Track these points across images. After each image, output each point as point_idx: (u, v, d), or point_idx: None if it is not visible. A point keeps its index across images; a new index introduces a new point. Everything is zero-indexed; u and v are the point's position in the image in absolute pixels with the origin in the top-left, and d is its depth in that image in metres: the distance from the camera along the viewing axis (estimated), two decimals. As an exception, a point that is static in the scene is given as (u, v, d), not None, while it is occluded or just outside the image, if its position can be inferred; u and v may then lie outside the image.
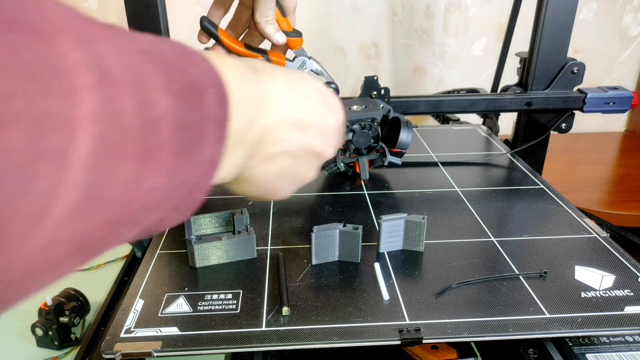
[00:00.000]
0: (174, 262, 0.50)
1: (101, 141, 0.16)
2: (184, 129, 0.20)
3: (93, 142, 0.16)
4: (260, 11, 0.50)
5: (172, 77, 0.20)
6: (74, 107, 0.15)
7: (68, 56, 0.15)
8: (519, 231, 0.55)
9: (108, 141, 0.16)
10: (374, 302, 0.44)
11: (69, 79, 0.15)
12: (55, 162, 0.15)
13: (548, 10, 0.69)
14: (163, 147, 0.19)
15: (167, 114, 0.19)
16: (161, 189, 0.20)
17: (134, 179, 0.18)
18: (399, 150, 0.64)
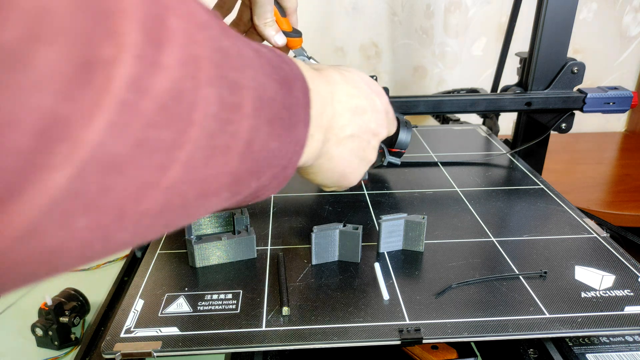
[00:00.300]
0: (174, 262, 0.50)
1: (254, 103, 0.22)
2: (286, 107, 0.26)
3: (252, 103, 0.21)
4: (258, 14, 0.50)
5: (276, 69, 0.26)
6: (242, 75, 0.21)
7: (236, 45, 0.21)
8: (519, 231, 0.55)
9: (257, 106, 0.22)
10: (374, 302, 0.44)
11: (240, 59, 0.21)
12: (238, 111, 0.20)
13: (548, 10, 0.69)
14: (277, 118, 0.25)
15: (276, 96, 0.25)
16: (275, 152, 0.25)
17: (266, 138, 0.24)
18: (398, 150, 0.64)
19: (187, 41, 0.16)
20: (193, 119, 0.16)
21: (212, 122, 0.18)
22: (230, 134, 0.19)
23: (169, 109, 0.15)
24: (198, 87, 0.16)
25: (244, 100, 0.20)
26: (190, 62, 0.16)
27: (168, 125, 0.15)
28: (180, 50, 0.15)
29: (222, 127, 0.19)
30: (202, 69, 0.17)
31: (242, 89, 0.20)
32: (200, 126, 0.17)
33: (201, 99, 0.17)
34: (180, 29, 0.16)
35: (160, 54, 0.15)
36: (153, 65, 0.14)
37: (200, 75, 0.17)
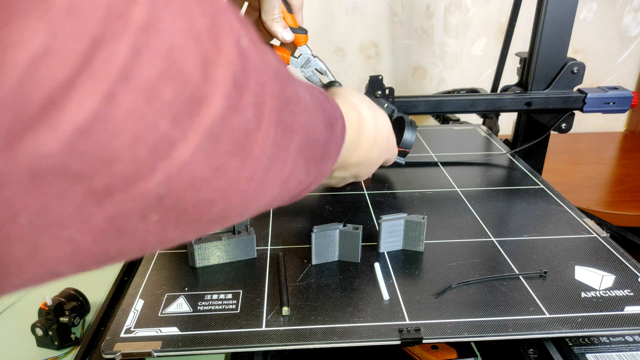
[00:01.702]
0: (174, 262, 0.50)
1: (299, 144, 0.25)
2: (323, 147, 0.29)
3: (297, 144, 0.24)
4: (266, 11, 0.50)
5: (324, 111, 0.30)
6: (296, 120, 0.24)
7: (295, 92, 0.25)
8: (519, 231, 0.55)
9: (301, 146, 0.25)
10: (374, 302, 0.44)
11: (297, 105, 0.24)
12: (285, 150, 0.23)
13: (548, 10, 0.69)
14: (313, 157, 0.28)
15: (320, 136, 0.28)
16: (303, 183, 0.28)
17: (301, 172, 0.26)
18: (403, 149, 0.64)
19: (260, 89, 0.19)
20: (252, 153, 0.19)
21: (264, 158, 0.21)
22: (276, 170, 0.22)
23: (238, 143, 0.18)
24: (260, 127, 0.20)
25: (292, 142, 0.23)
26: (259, 106, 0.19)
27: (237, 155, 0.18)
28: (254, 97, 0.19)
29: (271, 164, 0.21)
30: (265, 113, 0.20)
31: (293, 131, 0.23)
32: (256, 159, 0.20)
33: (261, 137, 0.20)
34: (255, 81, 0.19)
35: (241, 97, 0.18)
36: (235, 106, 0.17)
37: (264, 118, 0.20)
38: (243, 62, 0.18)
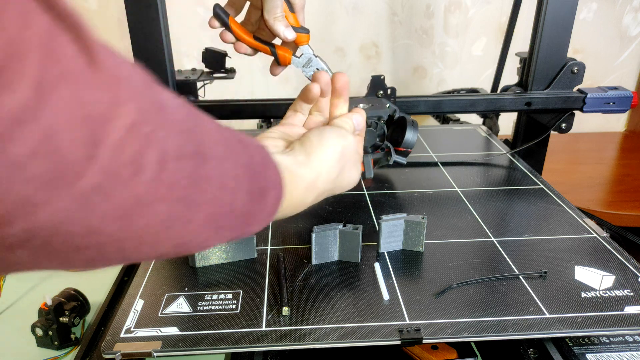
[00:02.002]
0: (174, 262, 0.50)
1: (206, 218, 0.25)
2: (246, 216, 0.28)
3: (203, 218, 0.24)
4: (268, 9, 0.50)
5: (255, 182, 0.29)
6: (204, 196, 0.24)
7: (212, 173, 0.24)
8: (519, 231, 0.55)
9: (207, 220, 0.25)
10: (374, 302, 0.44)
11: (209, 185, 0.24)
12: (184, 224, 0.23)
13: (548, 10, 0.69)
14: (229, 225, 0.27)
15: (240, 208, 0.27)
16: (210, 244, 0.28)
17: (205, 239, 0.26)
18: (405, 149, 0.64)
19: (156, 170, 0.20)
20: (137, 223, 0.21)
21: (155, 225, 0.22)
22: (168, 238, 0.23)
23: (120, 212, 0.19)
24: (151, 204, 0.20)
25: (194, 216, 0.23)
26: (152, 186, 0.20)
27: (117, 221, 0.20)
28: (148, 175, 0.20)
29: (161, 233, 0.22)
30: (160, 190, 0.21)
31: (197, 206, 0.23)
32: (142, 228, 0.21)
33: (151, 213, 0.21)
34: (153, 161, 0.20)
35: (132, 176, 0.19)
36: (122, 182, 0.19)
37: (157, 195, 0.21)
38: (138, 146, 0.19)
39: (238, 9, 0.55)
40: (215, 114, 0.73)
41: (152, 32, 0.67)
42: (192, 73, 0.80)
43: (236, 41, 0.53)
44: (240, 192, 0.27)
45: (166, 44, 0.69)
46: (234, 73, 0.80)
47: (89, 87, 0.17)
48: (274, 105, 0.72)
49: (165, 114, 0.21)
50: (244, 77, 1.17)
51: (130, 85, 0.19)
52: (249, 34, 0.53)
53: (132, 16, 0.67)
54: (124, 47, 1.13)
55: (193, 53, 1.14)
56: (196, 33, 1.12)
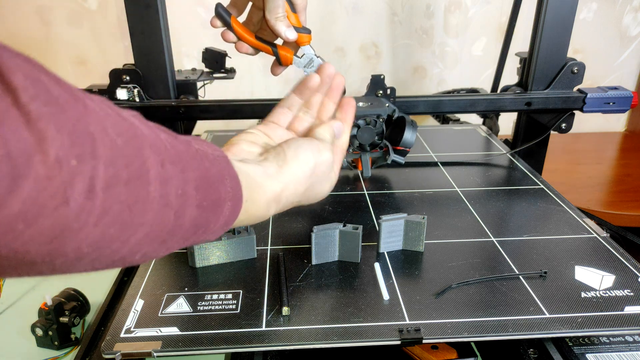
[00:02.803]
0: (174, 262, 0.50)
1: (146, 237, 0.25)
2: (198, 226, 0.29)
3: (143, 237, 0.25)
4: (270, 9, 0.50)
5: (207, 196, 0.29)
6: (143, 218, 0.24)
7: (152, 195, 0.24)
8: (519, 231, 0.55)
9: (149, 237, 0.25)
10: (374, 302, 0.44)
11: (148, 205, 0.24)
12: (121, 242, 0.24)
13: (548, 10, 0.69)
14: (177, 237, 0.28)
15: (189, 221, 0.28)
16: (160, 254, 0.29)
17: (150, 251, 0.27)
18: (403, 148, 0.64)
19: (86, 199, 0.20)
20: (66, 248, 0.21)
21: (86, 248, 0.22)
22: (105, 256, 0.23)
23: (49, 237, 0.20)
24: (81, 229, 0.21)
25: (132, 236, 0.24)
26: (81, 212, 0.20)
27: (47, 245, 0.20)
28: (77, 204, 0.20)
29: (98, 251, 0.23)
30: (91, 215, 0.21)
31: (136, 227, 0.24)
32: (75, 251, 0.22)
33: (82, 237, 0.21)
34: (82, 191, 0.20)
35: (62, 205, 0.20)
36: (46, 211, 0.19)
37: (89, 220, 0.21)
38: (63, 179, 0.19)
39: (240, 9, 0.55)
40: (215, 114, 0.73)
41: (152, 32, 0.67)
42: (192, 73, 0.80)
43: (238, 41, 0.53)
44: (188, 208, 0.27)
45: (166, 44, 0.69)
46: (234, 73, 0.80)
47: (12, 126, 0.18)
48: (274, 105, 0.72)
49: (98, 144, 0.21)
50: (244, 77, 1.17)
51: (58, 120, 0.19)
52: (250, 33, 0.53)
53: (132, 16, 0.67)
54: (124, 47, 1.13)
55: (193, 53, 1.14)
56: (196, 33, 1.12)
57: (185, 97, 0.76)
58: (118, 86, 0.70)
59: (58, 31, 1.11)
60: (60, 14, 1.10)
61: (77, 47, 1.13)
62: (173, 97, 0.73)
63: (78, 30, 1.11)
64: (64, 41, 1.12)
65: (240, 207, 0.33)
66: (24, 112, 0.18)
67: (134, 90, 0.71)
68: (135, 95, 0.71)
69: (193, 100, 0.76)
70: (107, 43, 1.13)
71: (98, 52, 1.14)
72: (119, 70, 0.70)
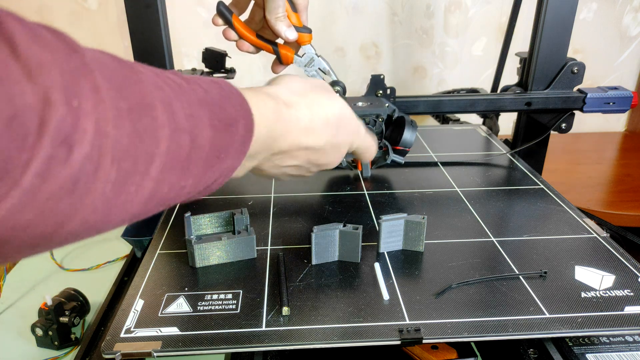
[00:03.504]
0: (174, 262, 0.50)
1: (165, 165, 0.25)
2: (217, 149, 0.29)
3: (161, 166, 0.25)
4: (270, 9, 0.50)
5: (215, 114, 0.29)
6: (157, 146, 0.24)
7: (160, 119, 0.25)
8: (519, 231, 0.55)
9: (168, 165, 0.25)
10: (374, 302, 0.44)
11: (158, 132, 0.25)
12: (141, 175, 0.24)
13: (548, 10, 0.69)
14: (199, 161, 0.28)
15: (206, 142, 0.28)
16: (189, 186, 0.28)
17: (177, 181, 0.27)
18: (403, 148, 0.64)
19: (95, 137, 0.20)
20: (90, 190, 0.21)
21: (109, 190, 0.22)
22: (127, 194, 0.23)
23: (67, 188, 0.20)
24: (98, 169, 0.21)
25: (150, 166, 0.24)
26: (95, 153, 0.21)
27: (66, 197, 0.20)
28: (87, 147, 0.20)
29: (120, 190, 0.23)
30: (106, 155, 0.21)
31: (151, 156, 0.24)
32: (97, 192, 0.22)
33: (100, 176, 0.21)
34: (90, 130, 0.20)
35: (68, 154, 0.19)
36: (59, 163, 0.19)
37: (103, 160, 0.21)
38: (71, 121, 0.19)
39: (242, 8, 0.55)
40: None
41: (152, 32, 0.67)
42: (192, 73, 0.80)
43: (239, 39, 0.53)
44: (201, 129, 0.27)
45: (166, 44, 0.69)
46: (234, 73, 0.80)
47: (16, 80, 0.18)
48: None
49: (92, 78, 0.21)
50: (244, 77, 1.17)
51: (54, 65, 0.19)
52: (251, 32, 0.53)
53: (132, 16, 0.67)
54: (124, 47, 1.13)
55: (193, 53, 1.14)
56: (196, 33, 1.12)
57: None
58: (118, 86, 0.70)
59: (58, 31, 1.11)
60: (60, 14, 1.10)
61: (77, 47, 1.13)
62: (173, 97, 0.73)
63: (78, 30, 1.11)
64: (64, 41, 1.12)
65: (254, 124, 0.33)
66: (23, 64, 0.18)
67: (134, 90, 0.70)
68: (135, 95, 0.71)
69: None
70: (107, 43, 1.13)
71: (98, 52, 1.14)
72: (119, 70, 0.70)
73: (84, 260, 0.70)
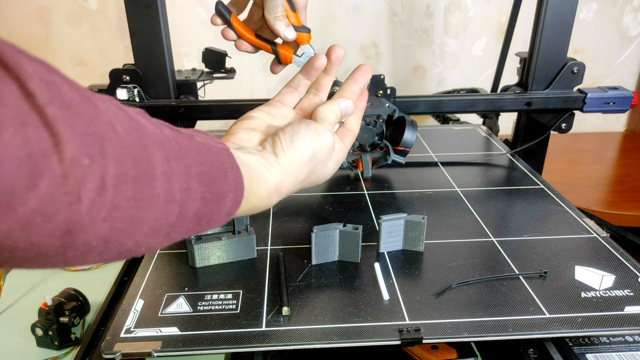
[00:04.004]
0: (174, 262, 0.50)
1: (151, 230, 0.26)
2: (200, 218, 0.30)
3: (147, 231, 0.26)
4: (269, 8, 0.50)
5: (209, 188, 0.29)
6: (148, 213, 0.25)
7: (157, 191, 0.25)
8: (519, 231, 0.55)
9: (154, 230, 0.26)
10: (374, 302, 0.44)
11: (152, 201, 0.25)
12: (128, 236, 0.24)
13: (548, 10, 0.69)
14: (181, 230, 0.29)
15: (192, 214, 0.29)
16: (161, 245, 0.29)
17: (155, 244, 0.28)
18: (403, 148, 0.64)
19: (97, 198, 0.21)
20: (77, 241, 0.22)
21: (96, 242, 0.23)
22: (112, 250, 0.24)
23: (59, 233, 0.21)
24: (91, 223, 0.22)
25: (138, 229, 0.25)
26: (93, 210, 0.21)
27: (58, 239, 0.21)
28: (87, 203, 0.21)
29: (106, 246, 0.24)
30: (101, 213, 0.22)
31: (141, 221, 0.25)
32: (87, 244, 0.23)
33: (93, 230, 0.22)
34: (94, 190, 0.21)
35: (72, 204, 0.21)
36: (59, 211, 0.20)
37: (99, 215, 0.22)
38: (77, 177, 0.20)
39: (241, 7, 0.55)
40: (215, 114, 0.73)
41: (152, 32, 0.67)
42: (192, 73, 0.80)
43: (237, 39, 0.53)
44: (191, 201, 0.28)
45: (166, 44, 0.69)
46: (234, 73, 0.80)
47: (33, 128, 0.19)
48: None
49: (107, 144, 0.22)
50: (244, 77, 1.17)
51: (71, 121, 0.20)
52: (250, 31, 0.53)
53: (132, 16, 0.67)
54: (124, 47, 1.13)
55: (193, 53, 1.14)
56: (196, 33, 1.12)
57: (185, 97, 0.76)
58: (118, 86, 0.70)
59: (58, 31, 1.11)
60: (60, 13, 1.10)
61: (77, 47, 1.13)
62: (173, 97, 0.73)
63: (78, 30, 1.11)
64: (64, 41, 1.12)
65: (242, 198, 0.33)
66: (41, 115, 0.19)
67: (134, 90, 0.71)
68: (135, 95, 0.71)
69: (193, 100, 0.76)
70: (107, 43, 1.13)
71: (98, 52, 1.14)
72: (119, 70, 0.70)
73: (84, 260, 0.70)
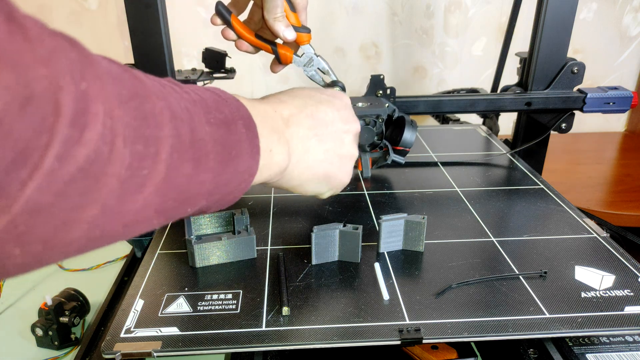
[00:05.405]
0: (174, 262, 0.50)
1: (173, 149, 0.26)
2: (221, 144, 0.30)
3: (170, 149, 0.25)
4: (268, 9, 0.50)
5: (210, 114, 0.30)
6: (161, 130, 0.25)
7: (158, 106, 0.26)
8: (519, 231, 0.55)
9: (176, 150, 0.26)
10: (374, 302, 0.44)
11: (159, 117, 0.25)
12: (152, 159, 0.24)
13: (548, 10, 0.69)
14: (209, 155, 0.29)
15: (207, 136, 0.29)
16: (208, 183, 0.29)
17: (191, 173, 0.27)
18: (403, 148, 0.64)
19: (105, 118, 0.21)
20: (107, 172, 0.22)
21: (124, 171, 0.23)
22: (142, 177, 0.24)
23: (85, 169, 0.20)
24: (112, 150, 0.21)
25: (159, 149, 0.25)
26: (107, 133, 0.21)
27: (85, 179, 0.21)
28: (100, 127, 0.21)
29: (134, 173, 0.23)
30: (118, 136, 0.22)
31: (158, 140, 0.25)
32: (114, 175, 0.22)
33: (115, 157, 0.22)
34: (100, 112, 0.21)
35: (82, 134, 0.20)
36: (76, 143, 0.20)
37: (116, 140, 0.22)
38: (82, 103, 0.20)
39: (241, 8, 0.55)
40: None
41: (152, 32, 0.67)
42: (192, 73, 0.80)
43: (237, 39, 0.53)
44: (197, 123, 0.28)
45: (166, 44, 0.69)
46: (234, 73, 0.80)
47: (30, 65, 0.18)
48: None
49: (94, 67, 0.22)
50: (244, 77, 1.17)
51: (62, 52, 0.20)
52: (250, 32, 0.53)
53: (132, 16, 0.67)
54: (124, 47, 1.13)
55: (193, 53, 1.14)
56: (196, 33, 1.12)
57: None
58: (118, 86, 0.70)
59: (58, 31, 1.11)
60: (60, 14, 1.10)
61: (77, 47, 1.13)
62: (173, 97, 0.73)
63: (78, 30, 1.11)
64: (64, 41, 1.12)
65: (254, 124, 0.34)
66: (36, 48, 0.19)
67: (134, 90, 0.70)
68: (135, 95, 0.71)
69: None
70: (107, 43, 1.13)
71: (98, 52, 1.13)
72: (119, 70, 0.70)
73: (84, 260, 0.70)
